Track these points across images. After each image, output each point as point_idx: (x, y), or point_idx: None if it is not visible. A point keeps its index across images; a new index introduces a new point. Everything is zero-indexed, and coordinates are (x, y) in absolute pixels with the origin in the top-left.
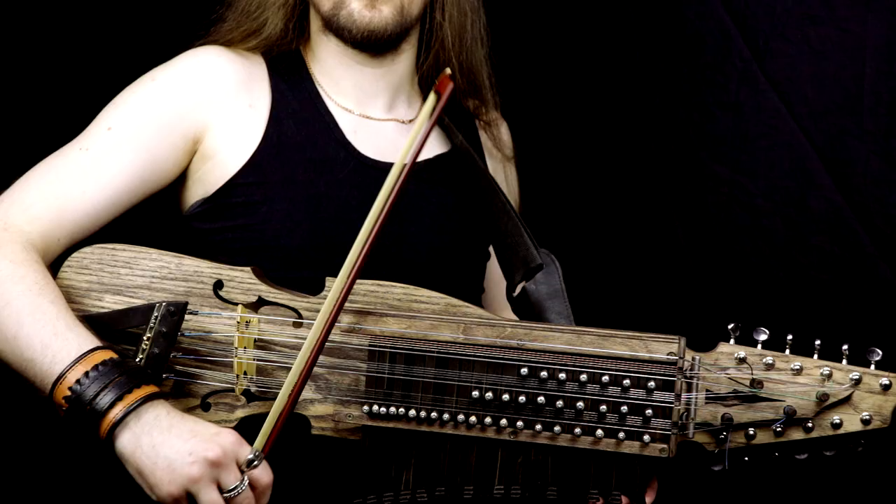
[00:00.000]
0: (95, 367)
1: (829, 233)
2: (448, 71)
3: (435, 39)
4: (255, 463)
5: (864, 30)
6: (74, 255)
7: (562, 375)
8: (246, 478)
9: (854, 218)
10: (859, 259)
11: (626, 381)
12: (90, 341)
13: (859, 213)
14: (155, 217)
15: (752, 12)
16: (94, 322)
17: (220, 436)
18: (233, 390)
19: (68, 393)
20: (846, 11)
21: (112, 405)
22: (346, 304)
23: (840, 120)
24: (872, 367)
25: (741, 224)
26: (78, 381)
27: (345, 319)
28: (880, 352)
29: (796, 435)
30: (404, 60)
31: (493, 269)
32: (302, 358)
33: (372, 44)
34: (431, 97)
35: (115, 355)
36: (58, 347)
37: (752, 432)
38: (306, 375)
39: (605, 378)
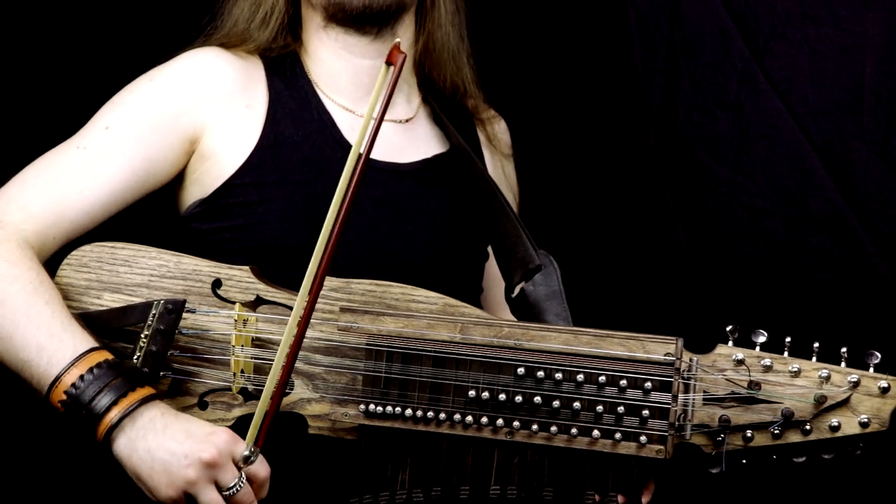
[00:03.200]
0: (91, 370)
1: (829, 233)
2: (398, 40)
3: (428, 19)
4: (252, 459)
5: (864, 30)
6: (74, 253)
7: (558, 375)
8: (243, 474)
9: (854, 218)
10: (859, 259)
11: (623, 382)
12: (86, 342)
13: (859, 213)
14: (153, 218)
15: (752, 12)
16: (92, 319)
17: (215, 435)
18: (230, 389)
19: (64, 397)
20: (846, 11)
21: (109, 408)
22: (346, 304)
23: (840, 120)
24: (871, 369)
25: (741, 224)
26: (74, 385)
27: (342, 318)
28: (879, 355)
29: (794, 437)
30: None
31: (492, 270)
32: (283, 346)
33: (371, 15)
34: (383, 69)
35: (110, 356)
36: (53, 349)
37: (749, 434)
38: (291, 363)
39: (602, 378)
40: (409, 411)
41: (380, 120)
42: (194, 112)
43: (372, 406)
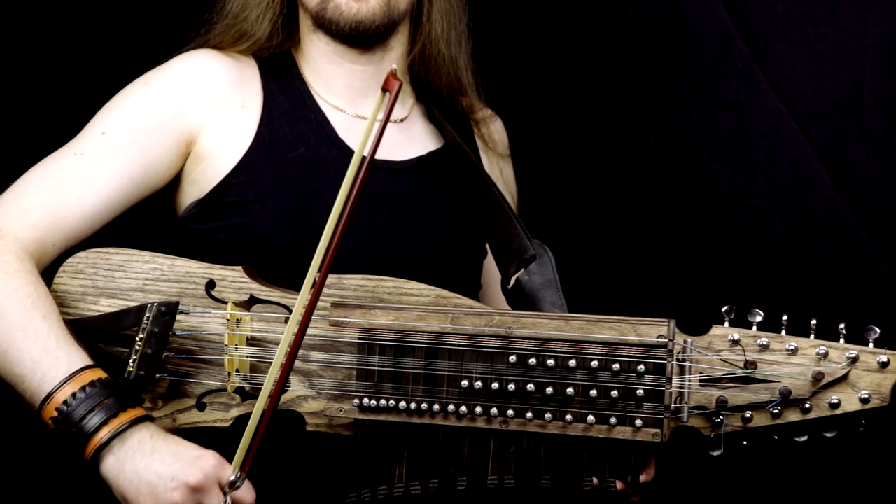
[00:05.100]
0: (84, 388)
1: (829, 233)
2: (395, 67)
3: (422, 32)
4: (238, 484)
5: (864, 30)
6: (69, 260)
7: (550, 362)
8: (229, 499)
9: (854, 218)
10: (859, 259)
11: (616, 366)
12: (80, 360)
13: (859, 213)
14: (151, 221)
15: (752, 12)
16: (88, 325)
17: (203, 459)
18: (226, 389)
19: (55, 413)
20: (846, 11)
21: (99, 427)
22: (337, 298)
23: (840, 120)
24: (871, 345)
25: (741, 224)
26: (66, 402)
27: (334, 313)
28: (878, 329)
29: (794, 416)
30: (394, 59)
31: (491, 266)
32: (272, 374)
33: (360, 36)
34: (379, 95)
35: (104, 375)
36: (47, 366)
37: (748, 415)
38: (278, 392)
39: (595, 363)
40: (403, 404)
41: (373, 151)
42: (190, 114)
43: (366, 400)
